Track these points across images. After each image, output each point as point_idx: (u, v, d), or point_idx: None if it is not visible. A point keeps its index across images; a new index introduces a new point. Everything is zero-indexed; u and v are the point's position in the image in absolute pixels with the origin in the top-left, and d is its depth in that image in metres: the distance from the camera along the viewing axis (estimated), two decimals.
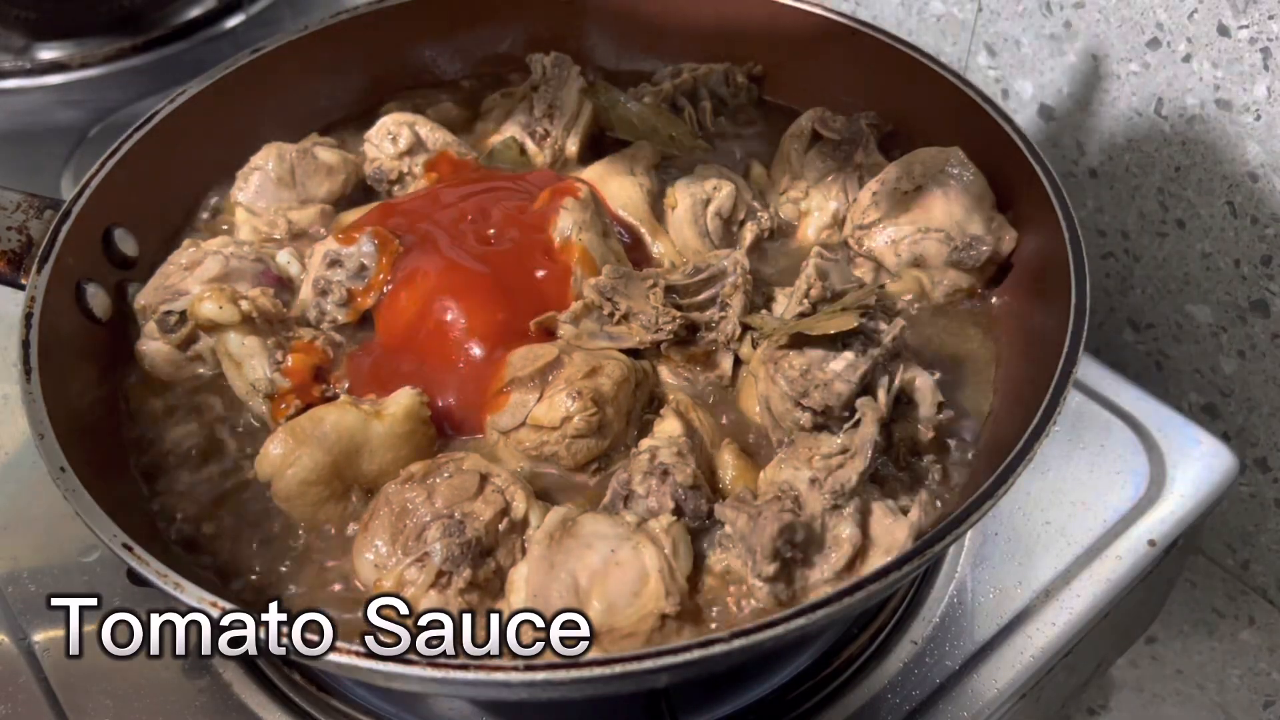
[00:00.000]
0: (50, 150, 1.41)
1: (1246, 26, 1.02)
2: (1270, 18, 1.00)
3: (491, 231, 0.99)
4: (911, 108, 1.12)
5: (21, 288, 0.91)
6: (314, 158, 1.09)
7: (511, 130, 1.17)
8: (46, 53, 1.55)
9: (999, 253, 1.00)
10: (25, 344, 0.85)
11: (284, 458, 0.82)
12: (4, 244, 0.93)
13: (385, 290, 0.95)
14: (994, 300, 1.01)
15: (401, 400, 0.86)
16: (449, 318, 0.91)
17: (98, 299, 0.96)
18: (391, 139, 1.11)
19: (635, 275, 0.94)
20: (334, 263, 0.97)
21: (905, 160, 1.04)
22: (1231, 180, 1.10)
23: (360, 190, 1.13)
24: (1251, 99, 1.05)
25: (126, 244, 1.02)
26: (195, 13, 1.62)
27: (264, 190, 1.07)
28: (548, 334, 0.93)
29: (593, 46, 1.27)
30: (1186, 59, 1.08)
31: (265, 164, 1.07)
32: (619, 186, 1.08)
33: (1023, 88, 1.27)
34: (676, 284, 0.94)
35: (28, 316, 0.87)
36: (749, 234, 1.05)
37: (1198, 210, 1.15)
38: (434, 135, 1.13)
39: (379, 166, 1.12)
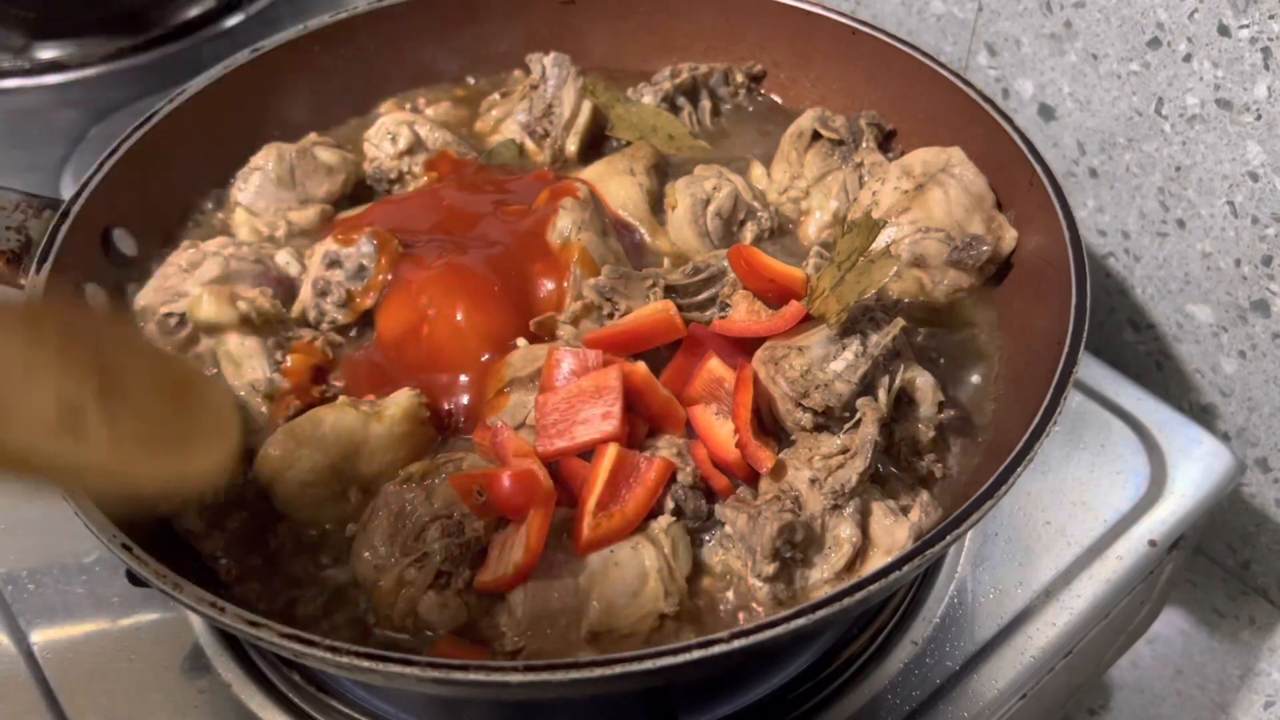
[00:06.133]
0: (49, 150, 1.40)
1: (1247, 26, 1.02)
2: (1271, 17, 1.00)
3: (491, 232, 0.98)
4: (911, 108, 1.12)
5: (21, 288, 0.91)
6: (314, 158, 1.09)
7: (511, 130, 1.17)
8: (45, 52, 1.55)
9: (999, 252, 1.00)
10: None
11: (283, 459, 0.82)
12: (3, 244, 0.93)
13: (384, 291, 0.95)
14: (994, 300, 1.01)
15: (400, 401, 0.86)
16: (448, 318, 0.91)
17: (97, 299, 0.96)
18: (391, 139, 1.11)
19: (635, 275, 0.94)
20: (333, 263, 0.97)
21: (905, 160, 1.04)
22: (1232, 180, 1.10)
23: (360, 190, 1.12)
24: (1252, 98, 1.05)
25: (126, 244, 1.01)
26: (195, 12, 1.61)
27: (264, 190, 1.07)
28: (548, 334, 0.92)
29: (592, 46, 1.27)
30: (1187, 58, 1.08)
31: (265, 164, 1.07)
32: (619, 186, 1.08)
33: (1023, 87, 1.27)
34: (676, 284, 0.93)
35: None
36: (749, 234, 1.05)
37: (1198, 210, 1.15)
38: (433, 135, 1.12)
39: (378, 166, 1.12)
